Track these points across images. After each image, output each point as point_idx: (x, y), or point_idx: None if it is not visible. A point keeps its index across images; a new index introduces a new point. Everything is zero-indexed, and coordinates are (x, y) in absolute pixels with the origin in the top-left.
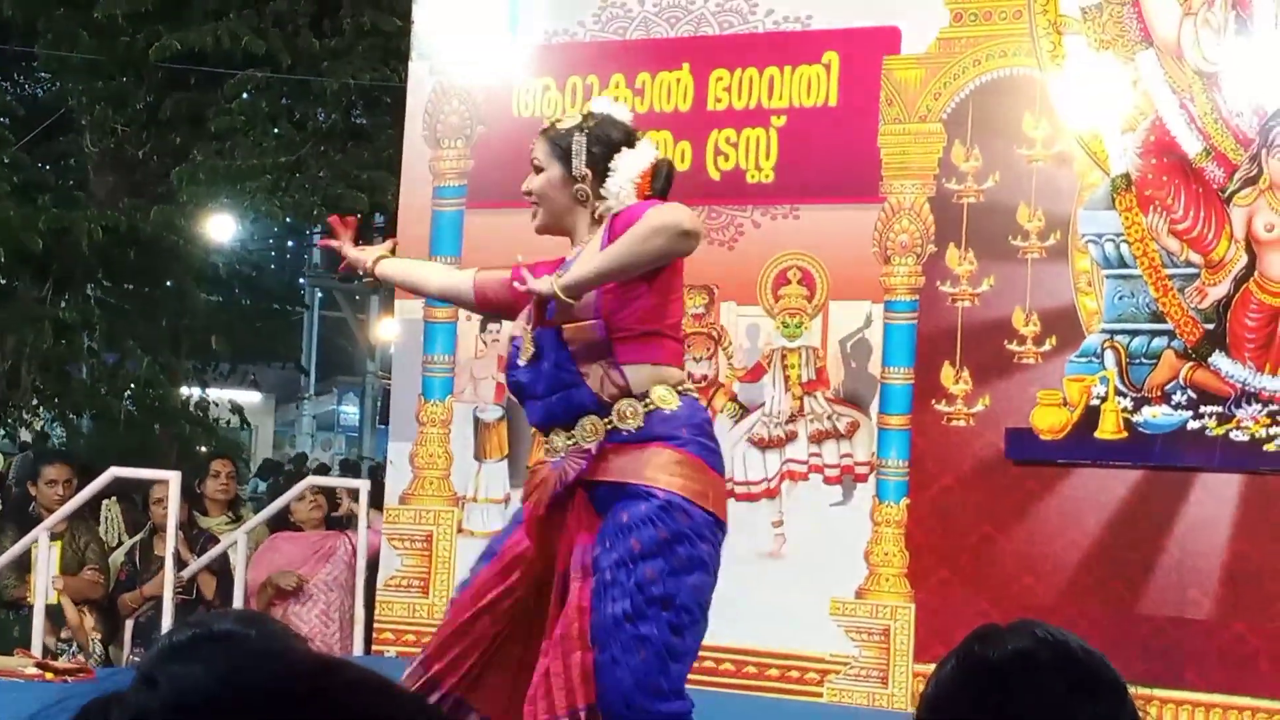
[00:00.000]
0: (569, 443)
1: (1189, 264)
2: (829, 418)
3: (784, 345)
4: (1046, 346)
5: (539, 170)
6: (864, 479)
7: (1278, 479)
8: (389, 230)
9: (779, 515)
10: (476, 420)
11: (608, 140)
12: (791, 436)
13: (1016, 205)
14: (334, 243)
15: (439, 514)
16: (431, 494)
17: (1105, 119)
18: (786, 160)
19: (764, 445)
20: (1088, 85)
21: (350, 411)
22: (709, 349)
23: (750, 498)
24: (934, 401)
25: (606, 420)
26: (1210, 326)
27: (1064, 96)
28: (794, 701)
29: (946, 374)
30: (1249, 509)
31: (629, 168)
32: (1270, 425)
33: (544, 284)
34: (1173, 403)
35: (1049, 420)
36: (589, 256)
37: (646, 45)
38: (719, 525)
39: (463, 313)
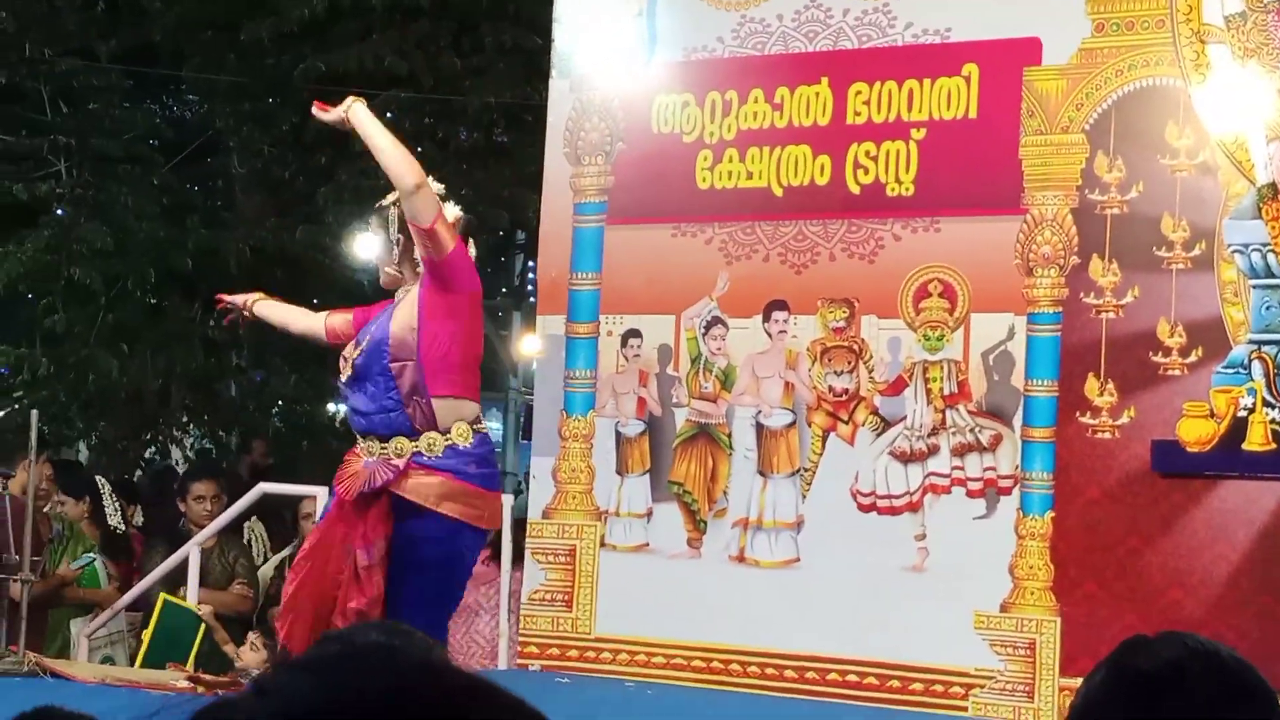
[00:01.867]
0: (382, 452)
1: None
2: (971, 430)
3: (925, 358)
4: (1192, 358)
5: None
6: (1007, 492)
7: None
8: (530, 247)
9: (921, 529)
10: (618, 434)
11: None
12: (934, 450)
13: (1160, 216)
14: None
15: (582, 528)
16: (574, 508)
17: (1250, 128)
18: (927, 173)
19: (906, 459)
20: (1232, 94)
21: (494, 427)
22: (850, 363)
23: (892, 511)
24: (1078, 414)
25: (414, 445)
26: None
27: (1208, 106)
28: (939, 715)
29: (1091, 386)
30: None
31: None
32: None
33: (339, 111)
34: None
35: (1196, 432)
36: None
37: (785, 60)
38: (485, 535)
39: (604, 328)
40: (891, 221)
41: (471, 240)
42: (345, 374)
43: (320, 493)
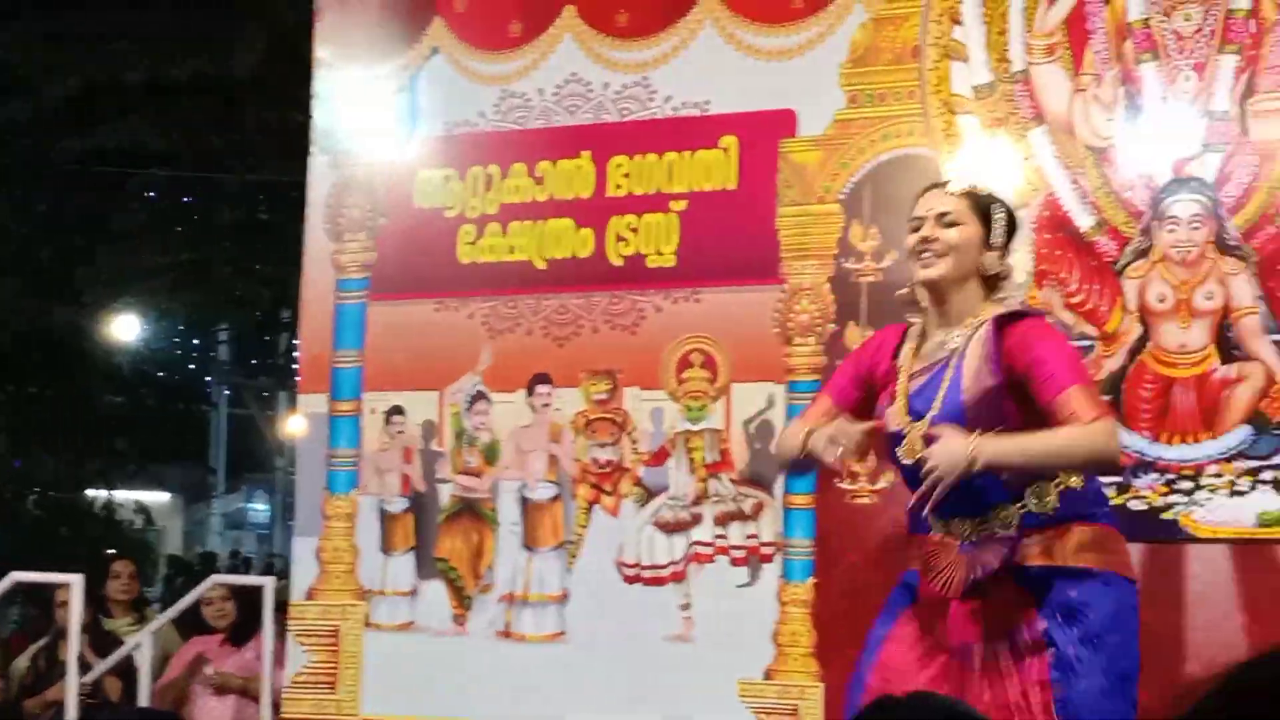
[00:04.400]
0: (982, 529)
1: (1084, 337)
2: (734, 499)
3: (688, 428)
4: None
5: (952, 225)
6: (770, 559)
7: (1174, 548)
8: (294, 325)
9: (686, 598)
10: (382, 512)
11: (1013, 225)
12: (697, 519)
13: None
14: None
15: (345, 608)
16: (338, 588)
17: (999, 195)
18: (688, 244)
19: (670, 529)
20: (981, 163)
21: (260, 509)
22: (613, 435)
23: (658, 581)
24: (837, 480)
25: (1020, 505)
26: (1107, 398)
27: (958, 174)
28: None
29: None
30: (1147, 578)
31: (1023, 262)
32: (1167, 494)
33: (961, 451)
34: None
35: None
36: (1017, 441)
37: (546, 134)
38: (1135, 587)
39: (367, 405)
40: (653, 293)
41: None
42: (911, 454)
43: (75, 580)
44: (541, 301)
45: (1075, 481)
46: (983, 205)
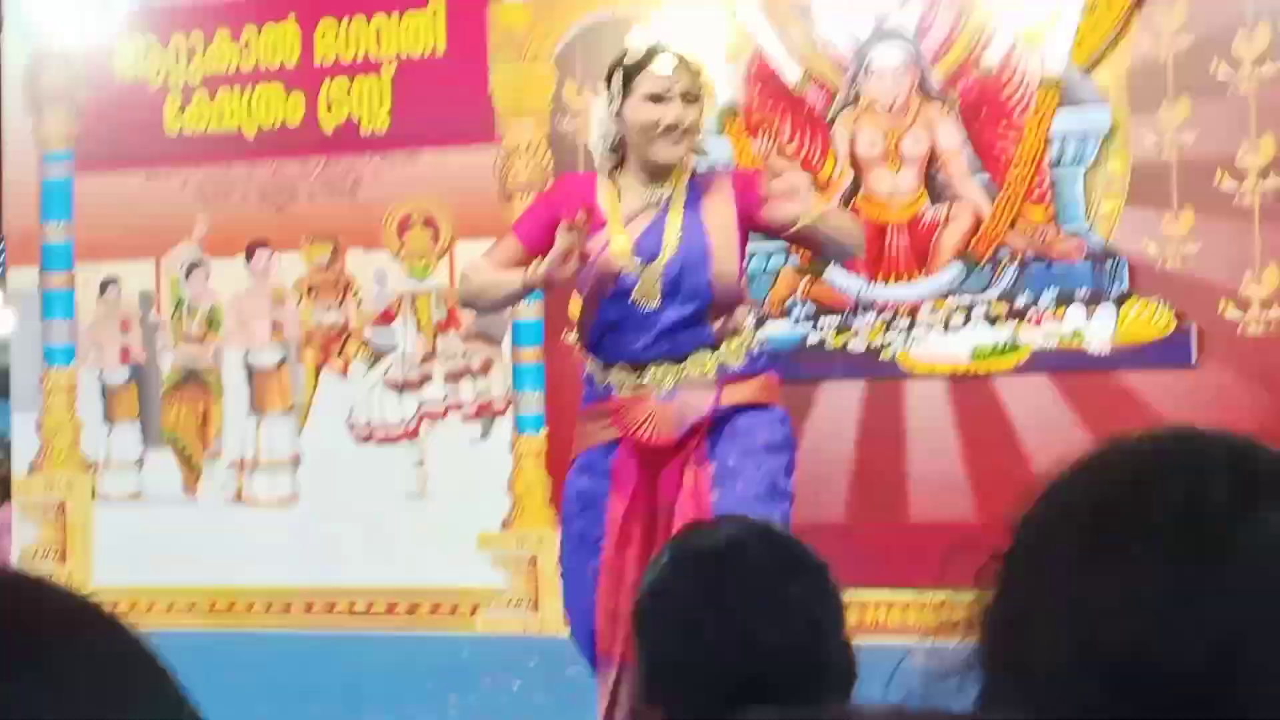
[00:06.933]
0: (681, 376)
1: None
2: (463, 356)
3: (413, 288)
4: None
5: (693, 100)
6: (502, 413)
7: (893, 384)
8: None
9: (420, 456)
10: (103, 384)
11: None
12: (427, 377)
13: None
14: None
15: (71, 481)
16: (62, 461)
17: (708, 51)
18: (401, 107)
19: (400, 388)
20: (689, 20)
21: None
22: (338, 297)
23: (390, 440)
24: (565, 332)
25: (717, 355)
26: None
27: (666, 31)
28: (448, 635)
29: (575, 306)
30: (867, 415)
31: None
32: (884, 332)
33: (794, 210)
34: (793, 317)
35: None
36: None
37: None
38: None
39: (81, 278)
40: (369, 155)
41: None
42: (649, 298)
43: None
44: (255, 168)
45: (753, 342)
46: (702, 78)
